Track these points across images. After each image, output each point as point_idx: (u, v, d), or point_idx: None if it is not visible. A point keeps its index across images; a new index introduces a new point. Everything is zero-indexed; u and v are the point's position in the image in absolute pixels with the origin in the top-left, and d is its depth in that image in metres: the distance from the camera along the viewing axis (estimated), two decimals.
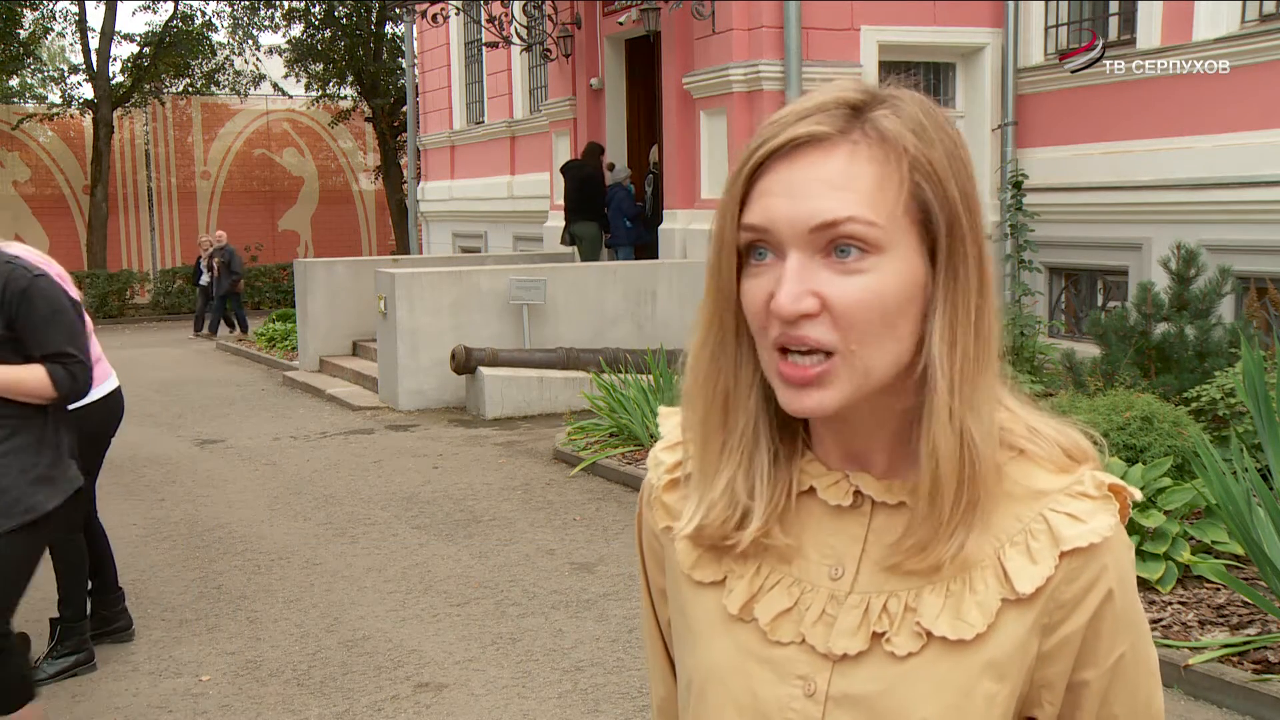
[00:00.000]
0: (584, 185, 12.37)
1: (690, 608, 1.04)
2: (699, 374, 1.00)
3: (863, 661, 0.95)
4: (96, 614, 4.80)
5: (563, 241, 12.89)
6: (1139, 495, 0.98)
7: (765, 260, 0.91)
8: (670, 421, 1.11)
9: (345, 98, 23.78)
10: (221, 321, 17.76)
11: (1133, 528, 4.83)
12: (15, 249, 3.73)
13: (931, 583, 0.95)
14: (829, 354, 0.89)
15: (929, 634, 0.93)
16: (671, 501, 1.07)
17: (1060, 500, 0.95)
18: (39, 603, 5.35)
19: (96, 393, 4.43)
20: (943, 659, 0.93)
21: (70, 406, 4.18)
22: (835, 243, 0.89)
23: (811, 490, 1.00)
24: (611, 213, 12.45)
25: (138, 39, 22.74)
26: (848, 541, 0.98)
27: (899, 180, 0.89)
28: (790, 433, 1.01)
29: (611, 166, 12.69)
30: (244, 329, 17.52)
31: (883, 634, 0.95)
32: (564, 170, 12.71)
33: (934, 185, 0.90)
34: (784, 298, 0.88)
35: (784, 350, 0.91)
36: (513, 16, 13.61)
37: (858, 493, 0.98)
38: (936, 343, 0.91)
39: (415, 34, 19.15)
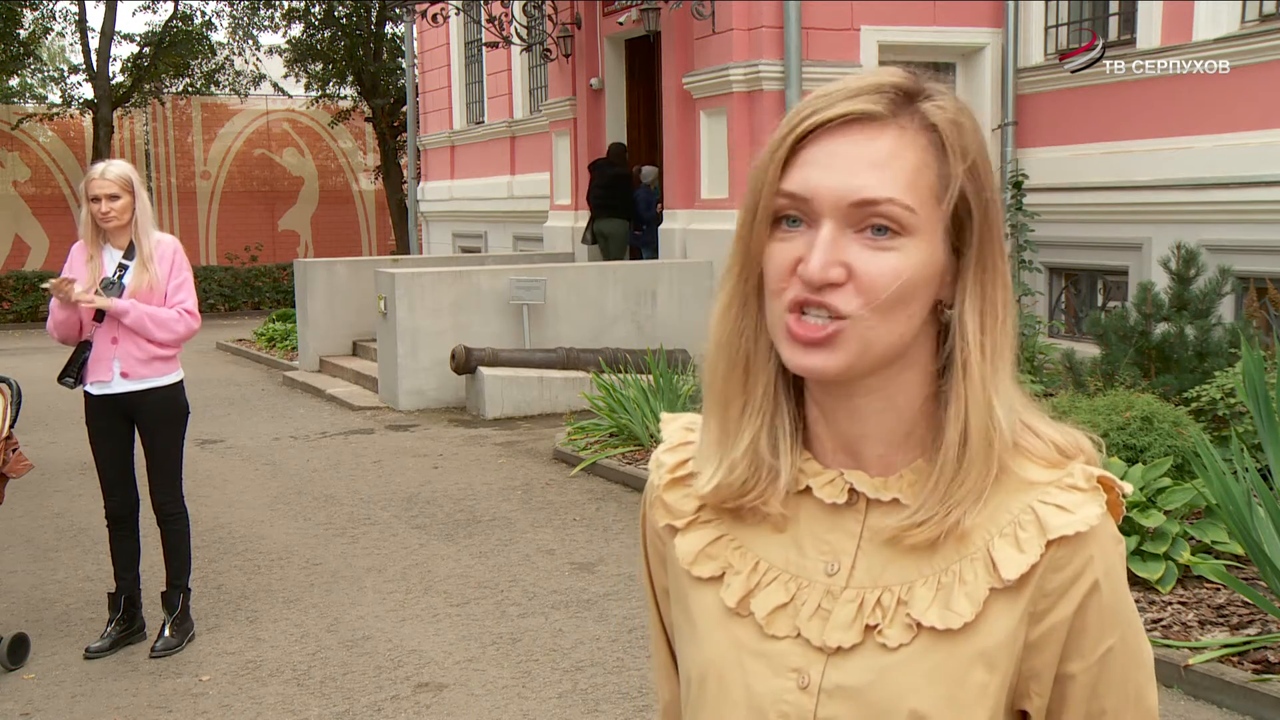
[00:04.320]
0: (614, 183, 12.35)
1: (691, 604, 1.06)
2: (722, 336, 1.01)
3: (856, 653, 0.97)
4: (129, 610, 4.89)
5: (583, 240, 12.81)
6: (1129, 489, 0.99)
7: (797, 228, 0.93)
8: (672, 426, 1.13)
9: (345, 98, 23.72)
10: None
11: (1133, 528, 4.82)
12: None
13: (924, 575, 0.96)
14: (841, 317, 0.92)
15: (919, 625, 0.95)
16: (672, 500, 1.08)
17: (1049, 492, 0.96)
18: (38, 602, 5.35)
19: (176, 375, 4.80)
20: (934, 649, 0.94)
21: (156, 384, 4.70)
22: (870, 220, 0.91)
23: (808, 490, 1.01)
24: (641, 212, 12.49)
25: (138, 39, 22.69)
26: (844, 538, 1.00)
27: (938, 170, 0.93)
28: (796, 410, 1.03)
29: (638, 169, 12.71)
30: None
31: (875, 626, 0.96)
32: (592, 168, 12.66)
33: (972, 180, 0.94)
34: (815, 264, 0.91)
35: (800, 310, 0.92)
36: (513, 16, 13.60)
37: (852, 490, 0.99)
38: (970, 330, 0.94)
39: (415, 34, 19.13)
